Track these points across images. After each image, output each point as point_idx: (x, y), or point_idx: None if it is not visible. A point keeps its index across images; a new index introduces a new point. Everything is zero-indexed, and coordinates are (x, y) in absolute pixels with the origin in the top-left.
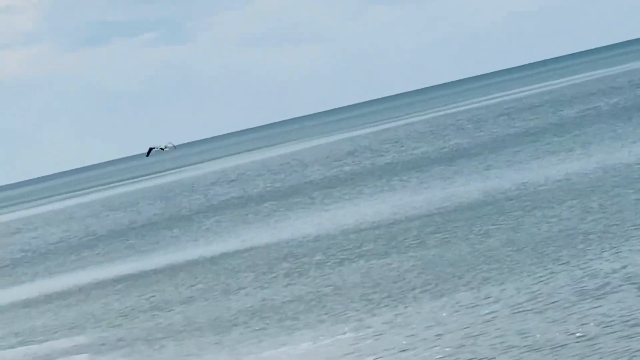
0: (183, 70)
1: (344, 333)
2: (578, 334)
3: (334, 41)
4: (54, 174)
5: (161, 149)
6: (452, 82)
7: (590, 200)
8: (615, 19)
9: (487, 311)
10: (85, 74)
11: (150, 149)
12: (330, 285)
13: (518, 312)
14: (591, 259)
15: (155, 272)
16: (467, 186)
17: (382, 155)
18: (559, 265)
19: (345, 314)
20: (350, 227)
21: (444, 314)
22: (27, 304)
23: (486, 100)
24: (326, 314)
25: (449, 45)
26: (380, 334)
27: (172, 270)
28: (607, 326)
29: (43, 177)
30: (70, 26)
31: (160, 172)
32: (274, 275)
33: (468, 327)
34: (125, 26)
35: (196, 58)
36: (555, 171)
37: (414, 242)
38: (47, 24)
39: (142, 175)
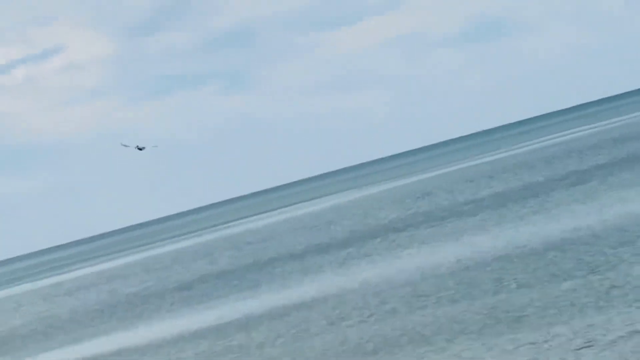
0: (247, 120)
1: None
2: None
3: (399, 86)
4: (122, 228)
5: (139, 148)
6: (518, 122)
7: None
8: None
9: (547, 347)
10: (150, 127)
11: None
12: (406, 328)
13: (581, 350)
14: None
15: (233, 320)
16: (547, 225)
17: (456, 197)
18: (627, 307)
19: (421, 356)
20: (428, 271)
21: (510, 348)
22: (119, 353)
23: (555, 137)
24: (404, 355)
25: (515, 86)
26: None
27: (246, 319)
28: None
29: (111, 232)
30: (134, 80)
31: (231, 221)
32: (354, 319)
33: None
34: (188, 78)
35: (260, 107)
36: None
37: (492, 286)
38: (111, 79)
39: (214, 225)
